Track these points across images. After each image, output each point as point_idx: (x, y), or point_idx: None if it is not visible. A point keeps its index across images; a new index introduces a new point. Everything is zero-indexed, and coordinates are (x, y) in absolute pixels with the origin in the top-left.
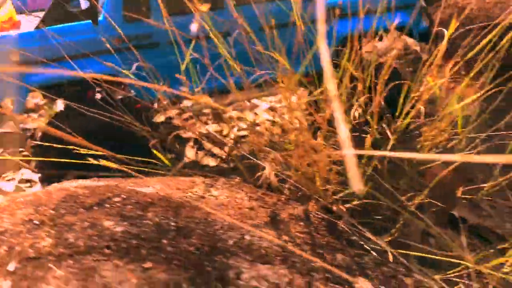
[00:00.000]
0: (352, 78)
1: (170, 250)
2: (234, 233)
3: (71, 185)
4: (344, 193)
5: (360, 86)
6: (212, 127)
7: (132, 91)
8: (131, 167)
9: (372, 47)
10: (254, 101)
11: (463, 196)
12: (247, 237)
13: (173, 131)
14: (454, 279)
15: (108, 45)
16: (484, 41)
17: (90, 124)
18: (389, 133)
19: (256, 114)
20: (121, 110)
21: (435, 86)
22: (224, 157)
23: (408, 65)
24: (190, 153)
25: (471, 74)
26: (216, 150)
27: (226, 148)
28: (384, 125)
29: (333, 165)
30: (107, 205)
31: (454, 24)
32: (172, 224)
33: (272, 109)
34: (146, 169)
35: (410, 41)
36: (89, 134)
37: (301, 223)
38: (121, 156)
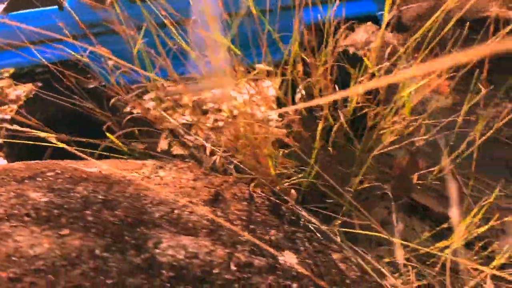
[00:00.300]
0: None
1: (90, 219)
2: (163, 207)
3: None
4: (297, 177)
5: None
6: (188, 118)
7: (102, 80)
8: (87, 150)
9: (352, 40)
10: (232, 92)
11: (418, 182)
12: (177, 211)
13: (146, 121)
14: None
15: (67, 31)
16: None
17: (58, 112)
18: (341, 117)
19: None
20: (85, 98)
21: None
22: (196, 146)
23: (383, 58)
24: (163, 143)
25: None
26: (189, 139)
27: (199, 138)
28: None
29: (281, 148)
30: (39, 179)
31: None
32: (100, 197)
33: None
34: (103, 153)
35: (388, 34)
36: (57, 121)
37: (244, 203)
38: (83, 140)
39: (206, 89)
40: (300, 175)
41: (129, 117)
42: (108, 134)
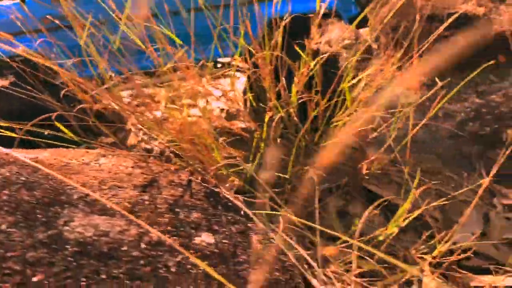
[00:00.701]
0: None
1: (5, 199)
2: (84, 190)
3: None
4: (239, 168)
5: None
6: (160, 113)
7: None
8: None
9: (327, 37)
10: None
11: (366, 172)
12: (98, 194)
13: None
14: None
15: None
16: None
17: (21, 106)
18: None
19: (207, 101)
20: (43, 91)
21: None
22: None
23: (354, 54)
24: (132, 139)
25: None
26: (158, 135)
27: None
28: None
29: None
30: None
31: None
32: (22, 179)
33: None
34: (56, 143)
35: (363, 31)
36: (20, 115)
37: (179, 189)
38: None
39: (167, 83)
40: (246, 165)
41: (97, 108)
42: (57, 124)
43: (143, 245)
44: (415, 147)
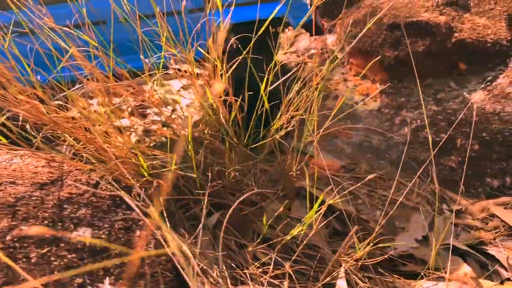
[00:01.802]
0: None
1: None
2: None
3: None
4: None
5: None
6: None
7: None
8: None
9: (295, 47)
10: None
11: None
12: None
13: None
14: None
15: None
16: None
17: None
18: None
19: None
20: None
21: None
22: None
23: (320, 63)
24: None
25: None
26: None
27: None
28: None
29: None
30: None
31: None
32: None
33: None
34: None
35: (329, 40)
36: None
37: (83, 188)
38: None
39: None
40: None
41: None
42: None
43: (8, 237)
44: (370, 154)
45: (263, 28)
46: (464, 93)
